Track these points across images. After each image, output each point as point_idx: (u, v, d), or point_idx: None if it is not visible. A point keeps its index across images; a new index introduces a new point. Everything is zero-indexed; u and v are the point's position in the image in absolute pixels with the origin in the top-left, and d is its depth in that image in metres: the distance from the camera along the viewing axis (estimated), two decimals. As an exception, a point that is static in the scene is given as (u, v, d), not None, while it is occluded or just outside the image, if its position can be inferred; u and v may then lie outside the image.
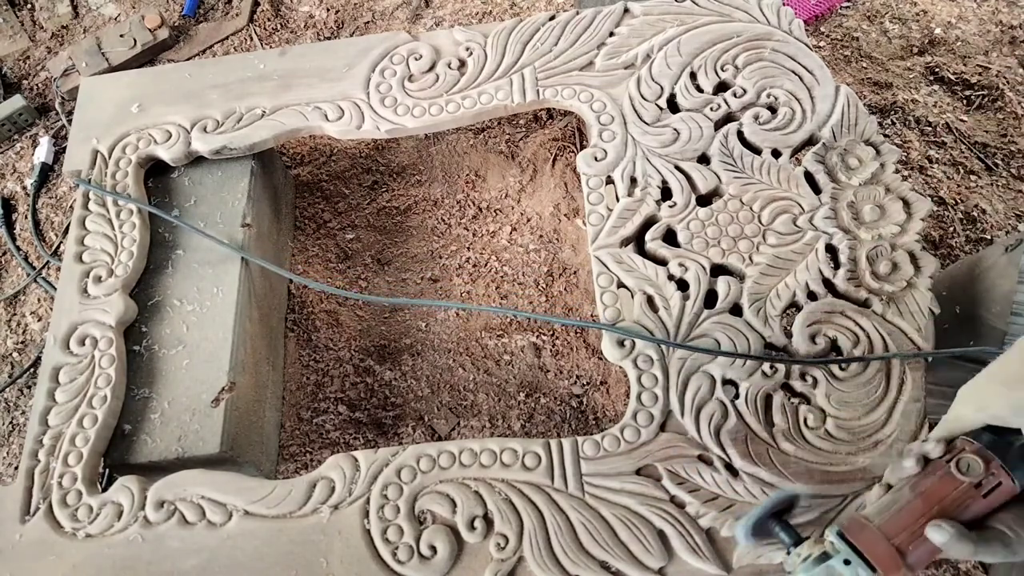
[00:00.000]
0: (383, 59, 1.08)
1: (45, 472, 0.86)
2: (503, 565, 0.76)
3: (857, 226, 0.90)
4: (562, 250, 1.20)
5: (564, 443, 0.82)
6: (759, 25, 1.05)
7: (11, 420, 1.30)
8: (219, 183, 1.06)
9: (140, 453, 0.89)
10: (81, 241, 1.00)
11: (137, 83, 1.11)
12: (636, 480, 0.79)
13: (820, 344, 0.84)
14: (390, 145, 1.32)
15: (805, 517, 0.76)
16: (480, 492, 0.80)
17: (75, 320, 0.94)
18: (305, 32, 1.69)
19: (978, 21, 1.59)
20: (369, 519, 0.79)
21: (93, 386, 0.90)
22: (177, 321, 0.97)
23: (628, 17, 1.08)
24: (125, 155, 1.04)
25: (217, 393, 0.91)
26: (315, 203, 1.28)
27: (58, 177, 1.51)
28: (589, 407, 1.09)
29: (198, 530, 0.81)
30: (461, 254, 1.22)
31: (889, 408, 0.80)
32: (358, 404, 1.12)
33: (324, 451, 1.09)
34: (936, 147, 1.45)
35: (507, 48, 1.06)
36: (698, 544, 0.76)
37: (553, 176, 1.23)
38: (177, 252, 1.01)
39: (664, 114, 1.00)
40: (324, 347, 1.16)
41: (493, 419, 1.10)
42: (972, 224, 1.37)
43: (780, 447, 0.79)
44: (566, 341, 1.14)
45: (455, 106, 1.03)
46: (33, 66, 1.68)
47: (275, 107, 1.05)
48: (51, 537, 0.82)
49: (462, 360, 1.14)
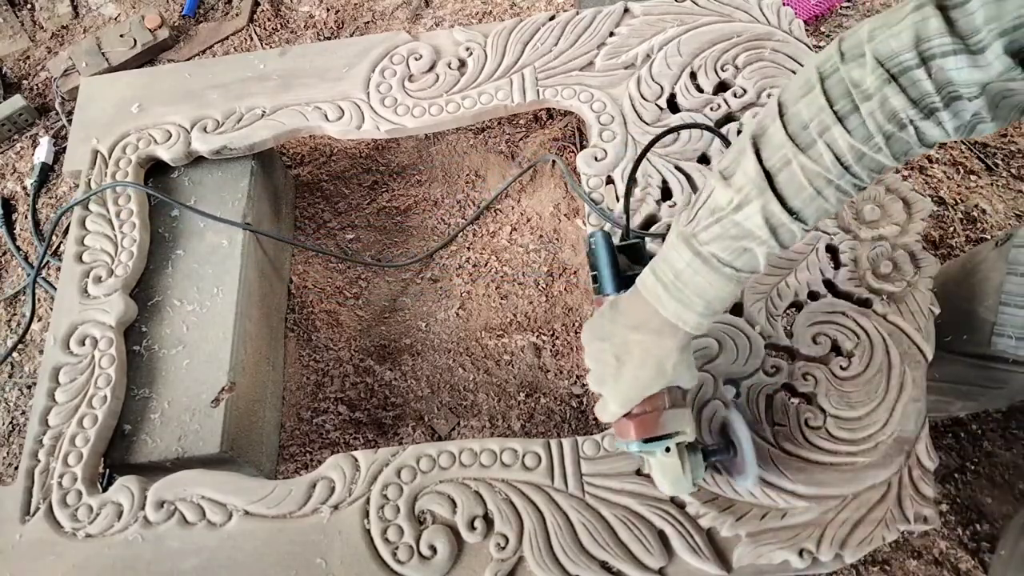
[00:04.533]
0: (383, 59, 1.08)
1: (45, 472, 0.86)
2: (503, 565, 0.76)
3: (858, 226, 0.90)
4: (562, 250, 1.20)
5: (564, 443, 0.82)
6: (759, 25, 1.05)
7: (11, 420, 1.30)
8: (219, 183, 1.06)
9: (140, 453, 0.89)
10: (81, 241, 1.00)
11: (137, 83, 1.11)
12: (636, 480, 0.79)
13: (821, 344, 0.84)
14: (390, 145, 1.32)
15: (804, 518, 0.76)
16: (480, 492, 0.80)
17: (75, 320, 0.94)
18: (305, 32, 1.69)
19: (978, 21, 1.59)
20: (369, 519, 0.79)
21: (93, 386, 0.90)
22: (177, 321, 0.97)
23: (628, 17, 1.08)
24: (125, 155, 1.04)
25: (217, 393, 0.91)
26: (315, 203, 1.28)
27: (58, 177, 1.51)
28: (589, 407, 1.09)
29: (198, 530, 0.81)
30: (461, 254, 1.22)
31: (889, 408, 0.80)
32: (358, 404, 1.12)
33: (324, 451, 1.09)
34: (936, 147, 1.45)
35: (507, 48, 1.06)
36: (698, 544, 0.76)
37: (553, 176, 1.23)
38: (177, 252, 1.01)
39: (664, 114, 1.00)
40: (324, 347, 1.16)
41: (493, 419, 1.10)
42: (972, 224, 1.37)
43: (781, 447, 0.79)
44: (566, 341, 1.14)
45: (455, 106, 1.03)
46: (33, 66, 1.68)
47: (275, 107, 1.05)
48: (51, 537, 0.82)
49: (462, 360, 1.14)
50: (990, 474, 1.19)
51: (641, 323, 0.65)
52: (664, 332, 0.64)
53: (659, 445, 0.68)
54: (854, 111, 0.53)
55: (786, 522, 0.76)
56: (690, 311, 0.62)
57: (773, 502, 0.77)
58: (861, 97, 0.52)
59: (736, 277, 0.60)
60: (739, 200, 0.57)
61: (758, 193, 0.56)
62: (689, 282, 0.61)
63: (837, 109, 0.53)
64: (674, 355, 0.64)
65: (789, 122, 0.55)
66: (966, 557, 1.13)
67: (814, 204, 0.56)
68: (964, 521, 1.16)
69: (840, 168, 0.55)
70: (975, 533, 1.15)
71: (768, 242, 0.58)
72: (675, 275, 0.62)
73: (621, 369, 0.66)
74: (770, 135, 0.56)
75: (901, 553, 1.14)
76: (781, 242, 0.58)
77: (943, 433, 1.23)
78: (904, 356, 0.83)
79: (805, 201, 0.56)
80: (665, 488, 0.71)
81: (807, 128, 0.54)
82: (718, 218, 0.59)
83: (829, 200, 0.56)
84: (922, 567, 1.13)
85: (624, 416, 0.68)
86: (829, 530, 0.75)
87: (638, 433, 0.67)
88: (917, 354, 0.83)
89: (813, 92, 0.54)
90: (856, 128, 0.53)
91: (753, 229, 0.58)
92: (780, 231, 0.58)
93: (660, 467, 0.69)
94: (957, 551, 1.13)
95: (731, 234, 0.59)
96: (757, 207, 0.57)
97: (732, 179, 0.58)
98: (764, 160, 0.56)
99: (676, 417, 0.68)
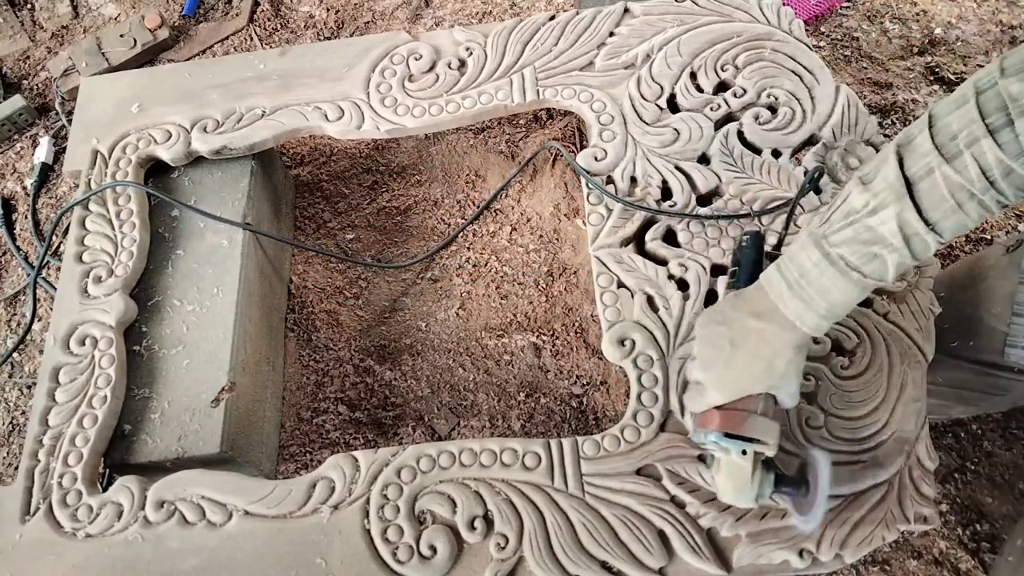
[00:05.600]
0: (383, 59, 1.08)
1: (45, 472, 0.86)
2: (503, 565, 0.76)
3: (857, 226, 0.90)
4: (562, 250, 1.20)
5: (564, 443, 0.82)
6: (759, 25, 1.05)
7: (11, 420, 1.30)
8: (219, 183, 1.06)
9: (140, 453, 0.89)
10: (81, 241, 1.00)
11: (137, 83, 1.11)
12: (636, 480, 0.79)
13: (821, 344, 0.84)
14: (390, 145, 1.32)
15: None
16: (480, 492, 0.80)
17: (75, 320, 0.94)
18: (305, 32, 1.69)
19: (978, 21, 1.59)
20: (369, 519, 0.79)
21: (93, 386, 0.90)
22: (177, 321, 0.97)
23: (628, 17, 1.08)
24: (125, 155, 1.04)
25: (217, 393, 0.91)
26: (315, 203, 1.28)
27: (58, 177, 1.51)
28: (589, 407, 1.09)
29: (198, 530, 0.81)
30: (461, 254, 1.22)
31: (889, 408, 0.80)
32: (358, 404, 1.12)
33: (324, 451, 1.09)
34: None
35: (507, 48, 1.06)
36: (698, 544, 0.76)
37: (553, 176, 1.23)
38: (177, 252, 1.01)
39: (664, 114, 1.00)
40: (324, 347, 1.16)
41: (493, 419, 1.10)
42: (972, 224, 1.36)
43: (781, 447, 0.79)
44: (566, 341, 1.14)
45: (455, 106, 1.03)
46: (33, 66, 1.68)
47: (275, 107, 1.05)
48: (51, 537, 0.82)
49: (462, 360, 1.14)
50: (990, 474, 1.19)
51: (764, 312, 0.64)
52: (785, 326, 0.63)
53: (738, 445, 0.66)
54: (1007, 125, 0.52)
55: (786, 522, 0.76)
56: (811, 311, 0.61)
57: (773, 502, 0.77)
58: (1017, 112, 0.51)
59: (862, 283, 0.59)
60: (875, 204, 0.57)
61: (896, 199, 0.56)
62: (814, 282, 0.61)
63: (990, 122, 0.52)
64: (789, 352, 0.64)
65: (938, 132, 0.54)
66: (966, 557, 1.13)
67: (953, 217, 0.55)
68: (964, 521, 1.16)
69: (985, 182, 0.53)
70: (975, 533, 1.15)
71: (900, 250, 0.57)
72: (800, 274, 0.61)
73: (734, 355, 0.65)
74: (916, 144, 0.56)
75: (901, 553, 1.14)
76: (913, 252, 0.57)
77: (943, 433, 1.23)
78: (904, 356, 0.83)
79: (945, 213, 0.55)
80: (727, 494, 0.68)
81: (955, 139, 0.53)
82: (851, 221, 0.58)
83: (970, 215, 0.55)
84: (922, 567, 1.13)
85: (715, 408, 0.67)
86: (829, 530, 0.75)
87: (722, 424, 0.66)
88: (917, 354, 0.83)
89: (967, 105, 0.53)
90: (1008, 143, 0.52)
91: (886, 235, 0.57)
92: (913, 240, 0.56)
93: (729, 469, 0.67)
94: (957, 551, 1.13)
95: (863, 238, 0.58)
96: (892, 212, 0.56)
97: (871, 184, 0.57)
98: (906, 168, 0.56)
99: (765, 426, 0.66)
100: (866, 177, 0.58)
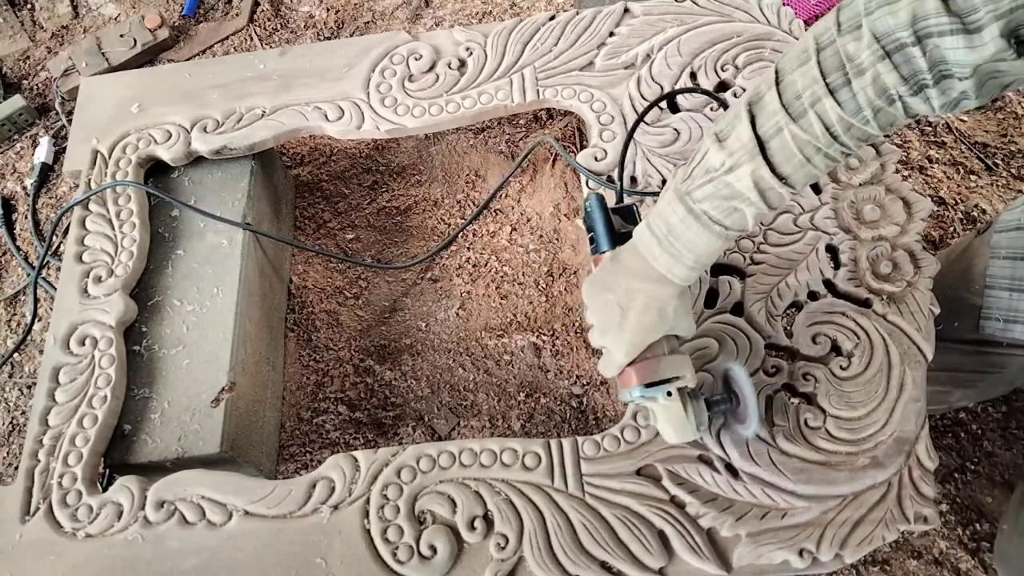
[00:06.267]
0: (383, 59, 1.08)
1: (45, 472, 0.86)
2: (503, 565, 0.76)
3: (858, 226, 0.90)
4: (562, 250, 1.20)
5: (564, 443, 0.82)
6: (759, 25, 1.05)
7: (11, 420, 1.30)
8: (219, 183, 1.06)
9: (140, 453, 0.89)
10: (81, 241, 1.00)
11: (137, 83, 1.11)
12: (636, 480, 0.79)
13: (821, 344, 0.84)
14: (390, 145, 1.32)
15: (804, 518, 0.76)
16: (480, 492, 0.80)
17: (75, 320, 0.94)
18: (305, 32, 1.69)
19: (978, 21, 1.59)
20: (369, 519, 0.79)
21: (93, 386, 0.90)
22: (177, 321, 0.97)
23: (628, 17, 1.08)
24: (125, 155, 1.04)
25: (217, 393, 0.91)
26: (315, 203, 1.28)
27: (58, 177, 1.51)
28: (589, 407, 1.09)
29: (198, 530, 0.81)
30: (461, 254, 1.22)
31: (889, 408, 0.81)
32: (358, 404, 1.12)
33: (324, 451, 1.09)
34: (936, 147, 1.45)
35: (507, 48, 1.06)
36: (698, 544, 0.76)
37: (553, 176, 1.23)
38: (177, 252, 1.01)
39: (664, 114, 1.00)
40: (324, 347, 1.16)
41: (493, 419, 1.10)
42: (972, 224, 1.37)
43: (780, 447, 0.79)
44: (566, 341, 1.14)
45: (455, 106, 1.03)
46: (33, 66, 1.68)
47: (275, 107, 1.05)
48: (51, 537, 0.82)
49: (462, 360, 1.14)
50: (990, 474, 1.19)
51: (642, 272, 0.68)
52: (663, 281, 0.68)
53: (660, 390, 0.70)
54: (846, 84, 0.55)
55: (786, 522, 0.76)
56: (680, 264, 0.66)
57: (773, 502, 0.77)
58: (855, 71, 0.54)
59: (725, 235, 0.63)
60: (731, 163, 0.60)
61: (749, 158, 0.59)
62: (681, 237, 0.64)
63: (829, 81, 0.55)
64: (673, 301, 0.68)
65: (784, 91, 0.58)
66: (966, 557, 1.13)
67: (803, 170, 0.59)
68: (964, 521, 1.16)
69: (829, 138, 0.57)
70: (975, 533, 1.15)
71: (757, 204, 0.61)
72: (668, 229, 0.65)
73: (626, 316, 0.69)
74: (765, 102, 0.59)
75: (901, 553, 1.14)
76: (769, 204, 0.61)
77: (943, 433, 1.23)
78: (904, 356, 0.83)
79: (794, 167, 0.59)
80: (670, 435, 0.72)
81: (800, 98, 0.57)
82: (711, 178, 0.62)
83: (817, 167, 0.59)
84: (922, 567, 1.13)
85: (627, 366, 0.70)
86: (829, 530, 0.75)
87: (640, 378, 0.70)
88: (917, 354, 0.83)
89: (809, 63, 0.56)
90: (846, 101, 0.55)
91: (743, 191, 0.60)
92: (768, 194, 0.60)
93: (664, 413, 0.71)
94: (957, 551, 1.13)
95: (722, 194, 0.62)
96: (748, 171, 0.59)
97: (726, 142, 0.61)
98: (758, 127, 0.59)
99: (676, 362, 0.70)
100: (721, 134, 0.62)
